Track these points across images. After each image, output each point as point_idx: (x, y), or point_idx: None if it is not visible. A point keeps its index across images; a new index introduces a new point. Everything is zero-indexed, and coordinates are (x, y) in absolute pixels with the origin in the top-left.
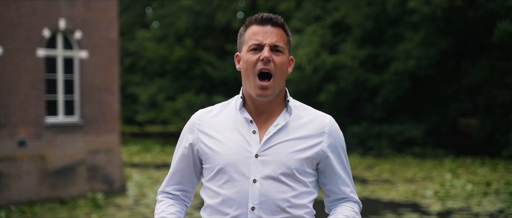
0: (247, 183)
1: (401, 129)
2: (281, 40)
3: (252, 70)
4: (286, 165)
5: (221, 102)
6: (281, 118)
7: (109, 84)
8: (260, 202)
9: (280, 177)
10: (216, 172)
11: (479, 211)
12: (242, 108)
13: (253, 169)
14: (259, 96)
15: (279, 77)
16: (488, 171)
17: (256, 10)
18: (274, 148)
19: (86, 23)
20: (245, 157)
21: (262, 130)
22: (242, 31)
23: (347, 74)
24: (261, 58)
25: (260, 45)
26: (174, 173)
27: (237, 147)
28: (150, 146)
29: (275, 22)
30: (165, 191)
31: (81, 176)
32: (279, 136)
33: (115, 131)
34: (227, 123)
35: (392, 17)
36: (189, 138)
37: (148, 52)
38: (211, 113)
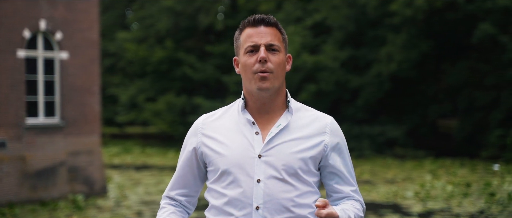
0: (251, 183)
1: (381, 130)
2: (276, 39)
3: (250, 71)
4: (289, 164)
5: (202, 103)
6: (283, 118)
7: (90, 85)
8: (264, 202)
9: (284, 176)
10: (220, 174)
11: (459, 212)
12: (244, 110)
13: (257, 169)
14: (260, 88)
15: (278, 74)
16: (468, 172)
17: (237, 11)
18: (277, 148)
19: (67, 24)
20: (249, 158)
21: (265, 131)
22: (237, 35)
23: (328, 76)
24: (258, 59)
25: (255, 46)
26: (178, 178)
27: (240, 148)
28: (130, 148)
29: (268, 21)
30: (169, 196)
31: (62, 177)
32: (282, 136)
33: (96, 133)
34: (230, 125)
35: (372, 19)
36: (193, 142)
37: (128, 53)
38: (214, 116)
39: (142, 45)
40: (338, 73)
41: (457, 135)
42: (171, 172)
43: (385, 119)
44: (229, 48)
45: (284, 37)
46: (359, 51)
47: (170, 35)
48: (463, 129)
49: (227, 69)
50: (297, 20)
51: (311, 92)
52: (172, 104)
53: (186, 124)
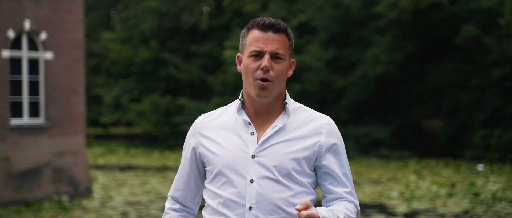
0: (244, 184)
1: (366, 131)
2: (282, 47)
3: (251, 76)
4: (283, 165)
5: (187, 103)
6: (279, 120)
7: (75, 86)
8: (257, 202)
9: (277, 177)
10: (215, 174)
11: (444, 212)
12: (241, 110)
13: (250, 169)
14: (258, 96)
15: (278, 82)
16: (452, 172)
17: (222, 11)
18: (271, 148)
19: (52, 24)
20: (242, 158)
21: (260, 131)
22: (244, 33)
23: (312, 76)
24: (261, 66)
25: (260, 52)
26: (180, 178)
27: (235, 148)
28: (114, 148)
29: (277, 28)
30: (174, 197)
31: (46, 178)
32: (276, 137)
33: (81, 133)
34: (226, 125)
35: (356, 20)
36: (192, 142)
37: (112, 54)
38: (212, 116)
39: (126, 46)
40: (322, 74)
41: (441, 136)
42: (156, 172)
43: (370, 119)
44: (214, 48)
45: (291, 43)
46: (344, 52)
47: (155, 36)
48: (447, 130)
49: (212, 69)
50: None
51: (295, 92)
52: (157, 105)
53: (171, 124)
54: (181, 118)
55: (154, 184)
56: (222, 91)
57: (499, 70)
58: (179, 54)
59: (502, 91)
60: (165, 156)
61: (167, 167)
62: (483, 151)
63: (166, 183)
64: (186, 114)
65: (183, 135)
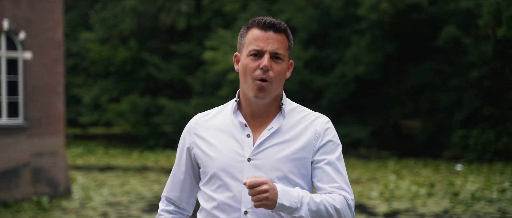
0: (240, 187)
1: (346, 131)
2: (282, 47)
3: (250, 76)
4: (279, 168)
5: (167, 104)
6: (275, 121)
7: (54, 86)
8: (253, 206)
9: (273, 180)
10: (210, 177)
11: (424, 212)
12: (236, 112)
13: (246, 173)
14: (256, 96)
15: (276, 83)
16: (431, 172)
17: (201, 11)
18: (267, 151)
19: (31, 24)
20: (238, 161)
21: (256, 134)
22: (243, 32)
23: (292, 75)
24: (260, 66)
25: (260, 52)
26: (174, 178)
27: (230, 151)
28: (93, 149)
29: (278, 28)
30: (167, 198)
31: (25, 179)
32: (272, 140)
33: (60, 133)
34: (222, 127)
35: (337, 20)
36: (187, 142)
37: (91, 54)
38: (207, 116)
39: (105, 45)
40: (302, 73)
41: (420, 136)
42: (136, 173)
43: (349, 119)
44: (194, 48)
45: (290, 44)
46: (323, 52)
47: (134, 35)
48: (426, 130)
49: (192, 69)
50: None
51: None
52: (136, 105)
53: (150, 125)
54: (160, 118)
55: (134, 184)
56: (202, 91)
57: (478, 71)
58: (158, 54)
59: (481, 91)
60: (144, 156)
61: (147, 168)
62: (462, 151)
63: (146, 184)
64: (166, 114)
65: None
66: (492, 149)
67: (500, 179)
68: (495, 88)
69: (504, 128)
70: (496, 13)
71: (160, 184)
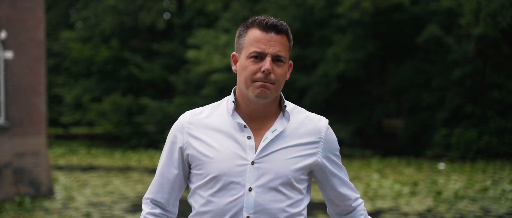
0: (242, 192)
1: None
2: (284, 49)
3: (250, 77)
4: (284, 173)
5: (149, 103)
6: (278, 123)
7: (36, 85)
8: (255, 211)
9: (277, 186)
10: (209, 180)
11: (408, 211)
12: (234, 113)
13: (249, 177)
14: (258, 96)
15: (279, 85)
16: (414, 171)
17: (183, 11)
18: (272, 155)
19: (12, 23)
20: (240, 165)
21: (257, 136)
22: (243, 31)
23: None
24: (262, 69)
25: (262, 54)
26: (163, 179)
27: (231, 153)
28: (75, 149)
29: (280, 29)
30: (153, 200)
31: (7, 179)
32: (277, 143)
33: (42, 133)
34: (219, 127)
35: (319, 19)
36: (179, 141)
37: (73, 53)
38: (201, 115)
39: (87, 45)
40: None
41: (402, 135)
42: (118, 173)
43: (332, 119)
44: (176, 47)
45: (291, 45)
46: (306, 51)
47: (115, 35)
48: (408, 129)
49: (175, 68)
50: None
51: None
52: (118, 105)
53: (132, 124)
54: (143, 118)
55: (117, 184)
56: (185, 91)
57: (460, 70)
58: (140, 53)
59: (463, 90)
60: (127, 156)
61: (129, 168)
62: (444, 150)
63: (129, 184)
64: (149, 114)
65: (145, 135)
66: (474, 148)
67: (483, 177)
68: (477, 87)
69: (486, 127)
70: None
71: (143, 184)
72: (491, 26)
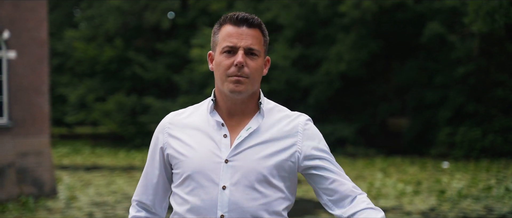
0: (216, 190)
1: (332, 129)
2: (257, 43)
3: (224, 73)
4: (258, 170)
5: (153, 103)
6: (254, 121)
7: (39, 85)
8: (229, 210)
9: (252, 183)
10: (184, 179)
11: (411, 210)
12: (213, 111)
13: (223, 175)
14: (233, 91)
15: (253, 80)
16: (418, 170)
17: (187, 10)
18: (245, 152)
19: (14, 23)
20: (215, 163)
21: (234, 134)
22: (216, 29)
23: (279, 74)
24: (235, 63)
25: (234, 48)
26: (147, 180)
27: (206, 152)
28: (79, 148)
29: (252, 22)
30: (140, 202)
31: (10, 179)
32: (251, 140)
33: (45, 133)
34: (197, 126)
35: (323, 18)
36: (160, 142)
37: (77, 52)
38: (182, 115)
39: (91, 44)
40: (289, 72)
41: (406, 134)
42: (122, 172)
43: (336, 118)
44: (180, 46)
45: (266, 40)
46: (309, 50)
47: (120, 34)
48: (412, 128)
49: (178, 68)
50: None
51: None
52: (122, 104)
53: (136, 124)
54: (147, 117)
55: (120, 184)
56: (189, 90)
57: (463, 68)
58: (144, 53)
59: (466, 88)
60: (131, 155)
61: (133, 167)
62: (448, 149)
63: (132, 183)
64: (152, 113)
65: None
66: (479, 147)
67: (486, 176)
68: (481, 86)
69: (490, 126)
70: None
71: None
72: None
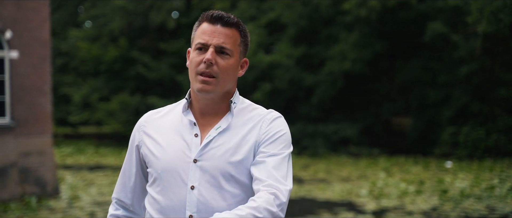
0: (184, 190)
1: (336, 129)
2: (230, 42)
3: (194, 70)
4: (225, 170)
5: (157, 102)
6: (224, 120)
7: (41, 85)
8: (198, 210)
9: (219, 182)
10: (155, 178)
11: (412, 210)
12: (187, 110)
13: (191, 175)
14: (200, 90)
15: (223, 80)
16: (421, 169)
17: (191, 10)
18: (213, 152)
19: (17, 23)
20: (184, 162)
21: (205, 133)
22: (196, 26)
23: (282, 73)
24: (203, 60)
25: (205, 45)
26: (124, 178)
27: (177, 151)
28: (83, 148)
29: (226, 21)
30: (118, 200)
31: (13, 179)
32: (220, 140)
33: (48, 133)
34: (171, 125)
35: (326, 17)
36: (136, 140)
37: (81, 52)
38: (158, 114)
39: (95, 44)
40: (292, 71)
41: (410, 133)
42: None
43: (339, 117)
44: (184, 46)
45: (244, 40)
46: (313, 49)
47: (124, 34)
48: (416, 127)
49: (182, 67)
50: (252, 19)
51: (265, 90)
52: (126, 104)
53: None
54: None
55: None
56: None
57: (467, 67)
58: (148, 53)
59: (470, 88)
60: None
61: None
62: (452, 148)
63: None
64: None
65: None
66: (482, 146)
67: (490, 176)
68: (485, 85)
69: (493, 125)
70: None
71: None
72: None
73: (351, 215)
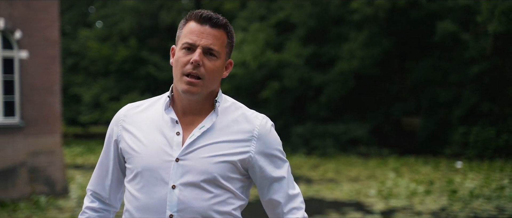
0: (165, 189)
1: (345, 129)
2: (218, 43)
3: (180, 70)
4: (208, 170)
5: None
6: (208, 120)
7: (51, 85)
8: (178, 210)
9: (201, 183)
10: (135, 175)
11: (421, 210)
12: (169, 108)
13: (173, 174)
14: (185, 92)
15: (209, 81)
16: (431, 169)
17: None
18: (197, 152)
19: (26, 23)
20: (165, 161)
21: (187, 132)
22: (182, 24)
23: (291, 73)
24: (191, 61)
25: (193, 45)
26: (101, 170)
27: (157, 149)
28: (93, 147)
29: (215, 22)
30: (94, 193)
31: (22, 178)
32: (204, 139)
33: (57, 132)
34: (152, 121)
35: (335, 17)
36: (114, 134)
37: (91, 52)
38: (138, 108)
39: (105, 44)
40: (301, 70)
41: (421, 133)
42: None
43: (349, 117)
44: None
45: (230, 41)
46: (322, 48)
47: (134, 34)
48: (426, 127)
49: None
50: (261, 18)
51: (274, 89)
52: None
53: None
54: None
55: None
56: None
57: (477, 67)
58: (158, 53)
59: (480, 87)
60: None
61: None
62: (462, 148)
63: None
64: None
65: None
66: (493, 146)
67: (500, 176)
68: (495, 85)
69: (504, 125)
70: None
71: None
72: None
73: (359, 215)
